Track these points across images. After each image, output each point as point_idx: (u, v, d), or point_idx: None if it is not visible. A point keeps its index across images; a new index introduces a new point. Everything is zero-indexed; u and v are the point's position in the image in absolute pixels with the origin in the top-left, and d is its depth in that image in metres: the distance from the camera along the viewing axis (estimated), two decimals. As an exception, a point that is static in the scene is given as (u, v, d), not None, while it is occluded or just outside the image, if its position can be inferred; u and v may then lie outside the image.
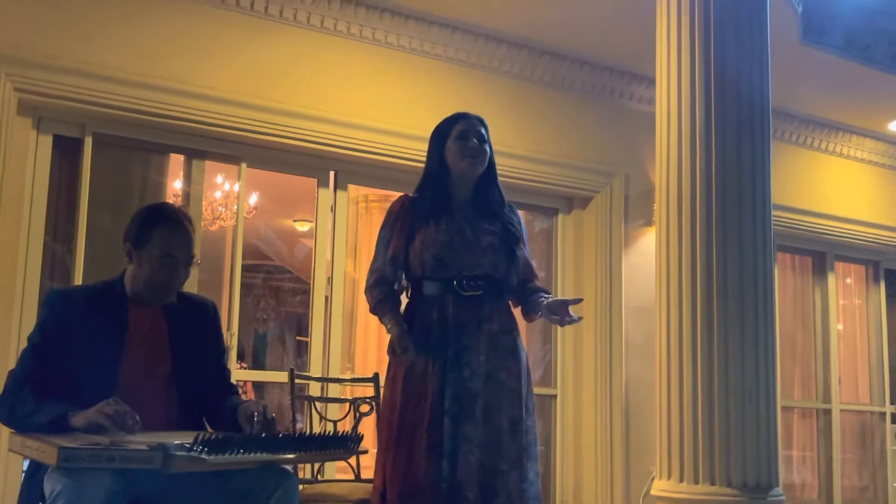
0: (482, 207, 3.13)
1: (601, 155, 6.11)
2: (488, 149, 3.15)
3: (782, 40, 5.11)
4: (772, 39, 4.35)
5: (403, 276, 3.13)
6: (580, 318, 3.03)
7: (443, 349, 2.95)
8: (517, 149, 5.68)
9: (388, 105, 5.37)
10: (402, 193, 3.22)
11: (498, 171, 3.23)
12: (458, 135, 3.12)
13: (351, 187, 5.54)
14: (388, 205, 3.25)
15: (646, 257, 5.99)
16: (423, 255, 3.02)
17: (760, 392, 4.04)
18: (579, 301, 3.08)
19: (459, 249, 3.01)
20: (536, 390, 5.95)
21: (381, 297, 3.08)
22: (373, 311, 3.11)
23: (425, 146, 3.25)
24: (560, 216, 6.17)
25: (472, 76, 5.69)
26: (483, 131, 3.15)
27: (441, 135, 3.16)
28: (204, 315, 2.86)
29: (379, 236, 3.16)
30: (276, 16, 5.09)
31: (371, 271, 3.14)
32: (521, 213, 3.30)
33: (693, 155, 4.20)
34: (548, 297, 3.06)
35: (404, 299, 3.15)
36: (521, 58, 5.84)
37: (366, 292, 3.13)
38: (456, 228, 3.04)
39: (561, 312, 3.00)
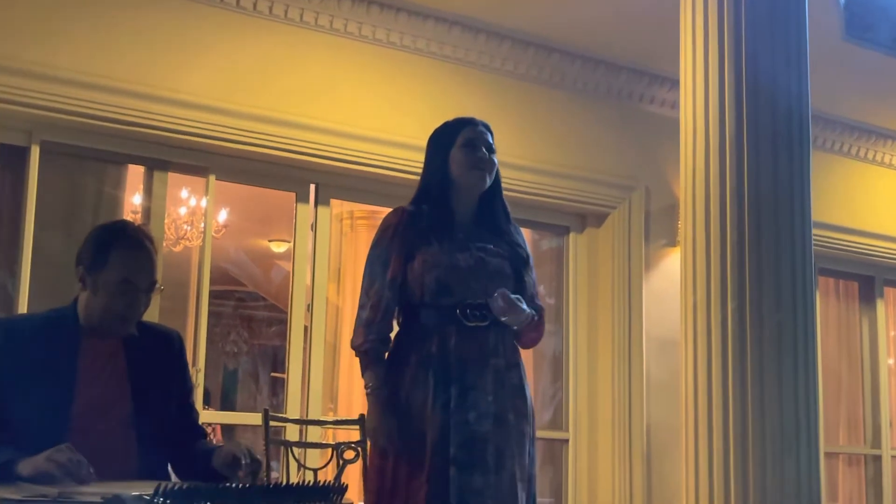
0: (486, 225, 3.13)
1: (618, 166, 6.14)
2: (495, 160, 3.16)
3: (823, 36, 5.14)
4: (811, 35, 4.39)
5: None
6: (522, 313, 2.99)
7: (444, 387, 2.94)
8: (522, 159, 5.70)
9: (376, 110, 5.39)
10: (392, 209, 3.20)
11: (506, 183, 3.24)
12: (464, 142, 3.11)
13: (334, 202, 5.55)
14: (376, 222, 3.23)
15: (669, 282, 5.99)
16: (424, 278, 3.00)
17: (801, 437, 4.04)
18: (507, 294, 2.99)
19: (465, 273, 3.00)
20: (545, 434, 5.97)
21: (375, 345, 3.01)
22: (360, 354, 3.04)
23: (418, 156, 3.25)
24: (571, 235, 6.19)
25: (471, 77, 5.72)
26: (491, 140, 3.16)
27: (444, 141, 3.15)
28: (168, 348, 2.85)
29: (371, 256, 3.11)
30: (250, 9, 5.12)
31: (367, 297, 3.06)
32: (525, 232, 3.31)
33: (722, 166, 4.22)
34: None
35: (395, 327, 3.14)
36: (527, 56, 5.88)
37: (360, 326, 3.05)
38: (460, 249, 3.03)
39: (498, 306, 2.97)
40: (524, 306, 3.00)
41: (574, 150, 6.01)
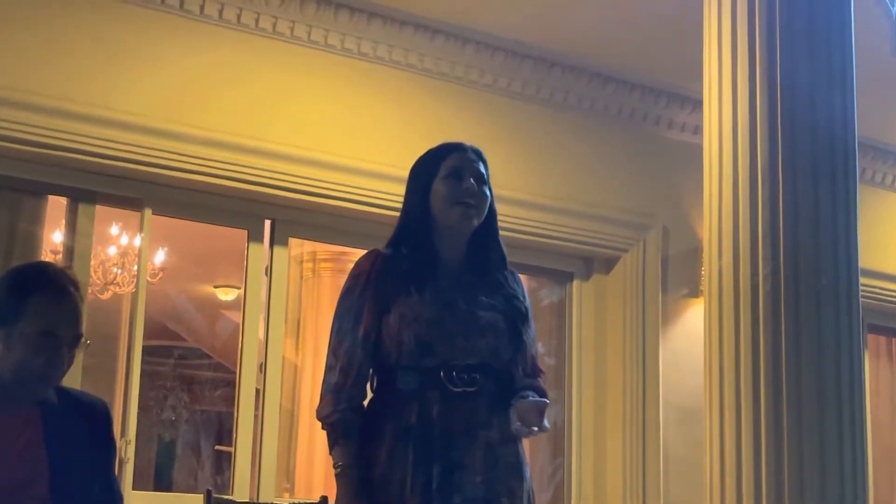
0: (478, 272, 3.13)
1: (630, 201, 6.17)
2: (488, 193, 3.16)
3: (871, 52, 5.16)
4: (858, 51, 4.43)
5: None
6: (546, 428, 3.01)
7: (426, 466, 2.94)
8: (517, 192, 5.71)
9: (344, 133, 5.42)
10: (365, 251, 3.20)
11: (500, 221, 3.24)
12: (448, 172, 3.10)
13: (293, 242, 5.55)
14: (342, 267, 3.24)
15: (691, 339, 5.99)
16: (402, 334, 2.98)
17: (848, 522, 4.04)
18: (545, 405, 2.99)
19: (450, 329, 2.99)
20: (543, 521, 5.93)
21: (346, 415, 2.98)
22: (328, 426, 3.01)
23: (393, 187, 3.26)
24: (575, 283, 6.20)
25: (456, 94, 5.76)
26: (482, 169, 3.15)
27: (425, 171, 3.14)
28: (91, 419, 2.84)
29: (341, 308, 3.07)
30: (196, 13, 5.15)
31: (335, 358, 3.03)
32: (522, 278, 3.32)
33: (754, 203, 4.24)
34: (529, 397, 3.02)
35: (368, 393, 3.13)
36: (524, 71, 5.92)
37: (328, 393, 3.02)
38: (445, 300, 3.02)
39: (528, 419, 2.96)
40: (546, 422, 3.00)
41: (579, 183, 6.03)
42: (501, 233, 3.26)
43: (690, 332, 6.07)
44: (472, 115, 5.75)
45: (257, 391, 5.29)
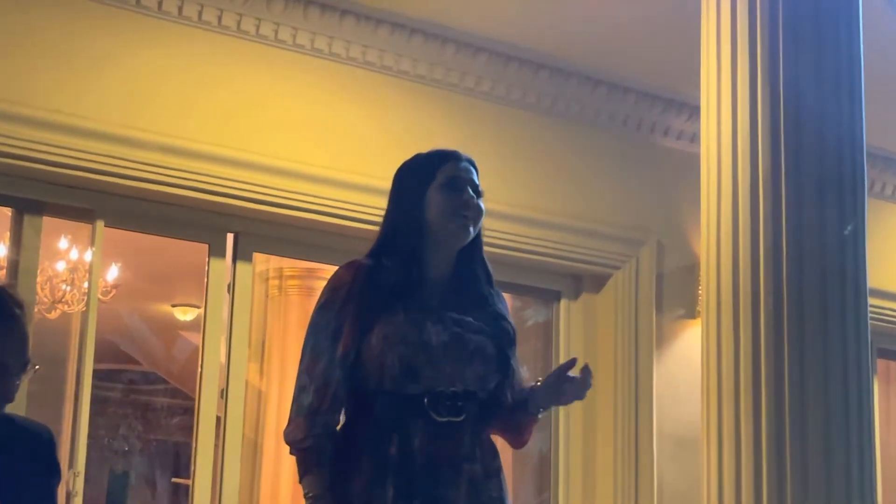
0: (465, 290, 3.12)
1: (623, 214, 6.16)
2: (483, 208, 3.16)
3: (882, 56, 5.20)
4: (867, 56, 4.43)
5: None
6: (589, 377, 3.04)
7: (406, 500, 2.91)
8: (501, 204, 5.69)
9: (314, 139, 5.40)
10: (336, 267, 3.17)
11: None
12: (445, 181, 3.09)
13: (258, 257, 5.52)
14: (311, 284, 3.22)
15: (687, 364, 5.99)
16: (386, 357, 2.95)
17: (856, 560, 4.03)
18: (573, 364, 3.06)
19: (438, 353, 2.98)
20: (527, 561, 5.91)
21: (320, 441, 2.94)
22: (299, 453, 2.97)
23: (366, 198, 3.25)
24: (563, 303, 6.19)
25: (435, 99, 5.75)
26: (478, 180, 3.16)
27: (418, 178, 3.11)
28: (35, 447, 2.81)
29: (316, 323, 3.03)
30: (153, 9, 5.12)
31: (309, 378, 2.99)
32: (506, 297, 3.30)
33: (755, 217, 4.23)
34: (536, 384, 3.08)
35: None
36: (508, 74, 5.91)
37: (299, 416, 2.97)
38: (434, 321, 3.01)
39: (566, 385, 3.03)
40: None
41: (567, 194, 6.03)
42: (483, 248, 3.26)
43: (687, 355, 6.07)
44: (453, 121, 5.74)
45: (218, 419, 5.25)
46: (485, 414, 3.03)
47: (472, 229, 3.09)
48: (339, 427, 3.04)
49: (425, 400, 2.95)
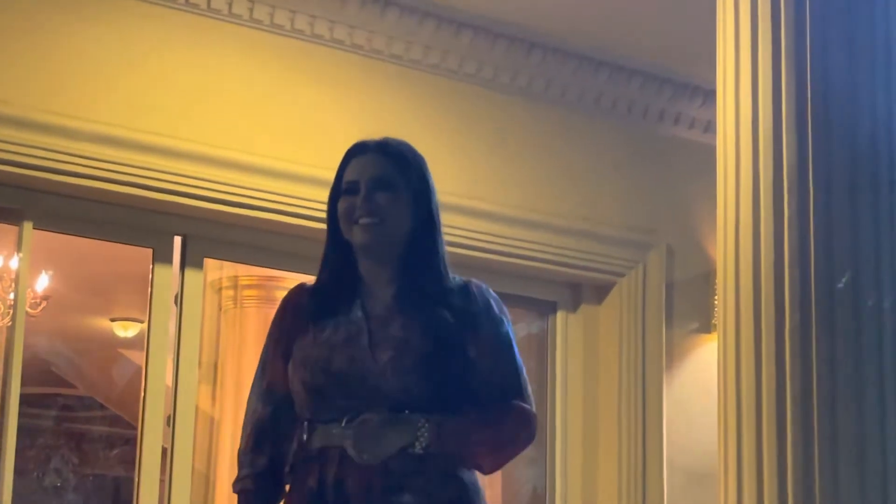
0: (405, 293, 3.14)
1: (627, 214, 6.18)
2: (402, 199, 3.14)
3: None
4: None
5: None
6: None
7: None
8: (486, 203, 5.72)
9: (272, 127, 5.41)
10: (300, 275, 3.22)
11: (449, 237, 3.24)
12: (345, 188, 3.17)
13: (210, 264, 5.52)
14: (272, 295, 3.29)
15: (702, 386, 6.01)
16: (294, 384, 3.06)
17: None
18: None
19: (341, 372, 3.01)
20: None
21: (248, 483, 3.10)
22: (238, 496, 3.13)
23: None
24: (559, 315, 6.21)
25: (412, 82, 5.76)
26: (389, 172, 3.16)
27: (333, 188, 3.21)
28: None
29: (263, 348, 3.21)
30: (84, -22, 5.13)
31: (245, 417, 3.15)
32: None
33: (778, 217, 4.24)
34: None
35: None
36: (496, 54, 5.92)
37: (238, 456, 3.14)
38: (346, 336, 3.05)
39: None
40: (401, 436, 2.98)
41: (564, 192, 6.04)
42: (465, 252, 3.28)
43: (701, 376, 6.09)
44: (432, 109, 5.76)
45: (164, 450, 5.25)
46: None
47: (378, 232, 3.10)
48: (282, 463, 3.13)
49: (342, 424, 2.98)
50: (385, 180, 3.14)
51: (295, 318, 3.14)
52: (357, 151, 3.20)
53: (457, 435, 3.03)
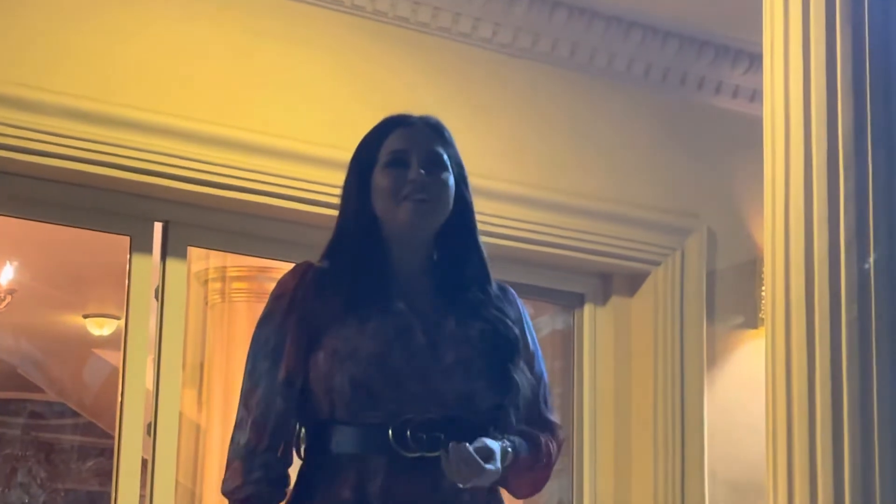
0: (448, 290, 3.14)
1: (663, 195, 6.19)
2: (451, 181, 3.16)
3: None
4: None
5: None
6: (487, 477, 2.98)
7: None
8: (506, 183, 5.73)
9: (263, 99, 5.42)
10: (295, 264, 3.20)
11: (479, 223, 3.24)
12: (389, 158, 3.13)
13: (194, 253, 5.54)
14: (264, 288, 3.26)
15: (747, 387, 6.01)
16: (334, 378, 2.99)
17: None
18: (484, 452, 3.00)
19: (400, 370, 3.00)
20: None
21: (261, 488, 3.00)
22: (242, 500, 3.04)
23: (331, 175, 3.28)
24: (587, 308, 6.23)
25: (421, 48, 5.77)
26: (440, 149, 3.17)
27: (364, 158, 3.16)
28: None
29: (256, 342, 3.09)
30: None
31: (246, 410, 3.05)
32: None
33: (833, 198, 4.25)
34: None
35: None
36: (514, 15, 5.92)
37: (236, 459, 3.04)
38: (396, 330, 3.03)
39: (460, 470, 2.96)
40: (491, 465, 2.98)
41: (592, 170, 6.06)
42: (483, 238, 3.27)
43: (746, 376, 6.10)
44: (444, 77, 5.77)
45: (144, 462, 5.26)
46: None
47: (428, 214, 3.10)
48: (291, 468, 3.08)
49: (390, 431, 2.97)
50: (438, 157, 3.14)
51: (320, 301, 3.06)
52: (400, 122, 3.18)
53: (519, 467, 3.07)
